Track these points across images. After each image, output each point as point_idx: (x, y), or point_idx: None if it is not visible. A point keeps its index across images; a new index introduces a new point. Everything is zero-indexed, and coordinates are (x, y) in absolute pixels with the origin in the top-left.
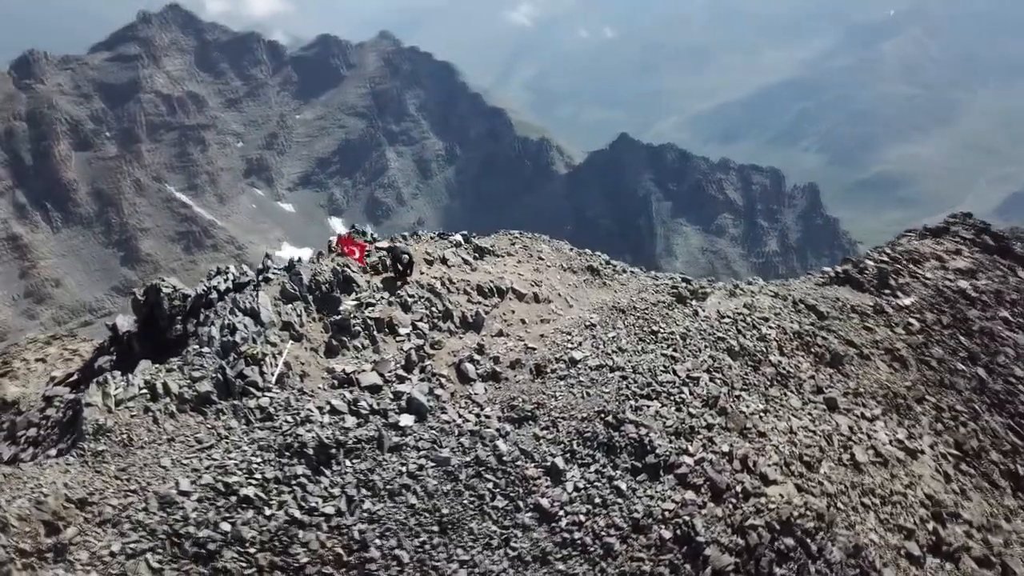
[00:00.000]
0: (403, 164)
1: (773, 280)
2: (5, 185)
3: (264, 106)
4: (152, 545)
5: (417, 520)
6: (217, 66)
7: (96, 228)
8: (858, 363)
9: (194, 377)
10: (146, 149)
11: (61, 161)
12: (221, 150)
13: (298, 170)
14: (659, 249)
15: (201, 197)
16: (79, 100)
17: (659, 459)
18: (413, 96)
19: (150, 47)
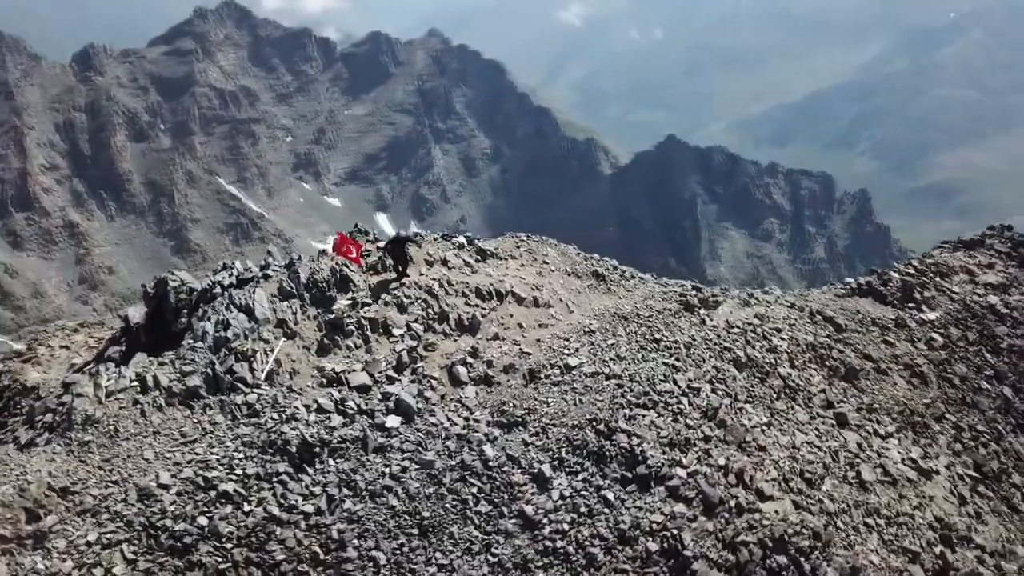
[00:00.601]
0: (449, 162)
1: (817, 287)
2: (64, 174)
3: (314, 101)
4: (128, 536)
5: (397, 522)
6: (269, 61)
7: (149, 218)
8: (875, 378)
9: (184, 371)
10: (199, 142)
11: (117, 152)
12: (271, 144)
13: (346, 165)
14: (704, 252)
15: (250, 190)
16: (136, 93)
17: (650, 470)
18: (460, 94)
19: (205, 42)
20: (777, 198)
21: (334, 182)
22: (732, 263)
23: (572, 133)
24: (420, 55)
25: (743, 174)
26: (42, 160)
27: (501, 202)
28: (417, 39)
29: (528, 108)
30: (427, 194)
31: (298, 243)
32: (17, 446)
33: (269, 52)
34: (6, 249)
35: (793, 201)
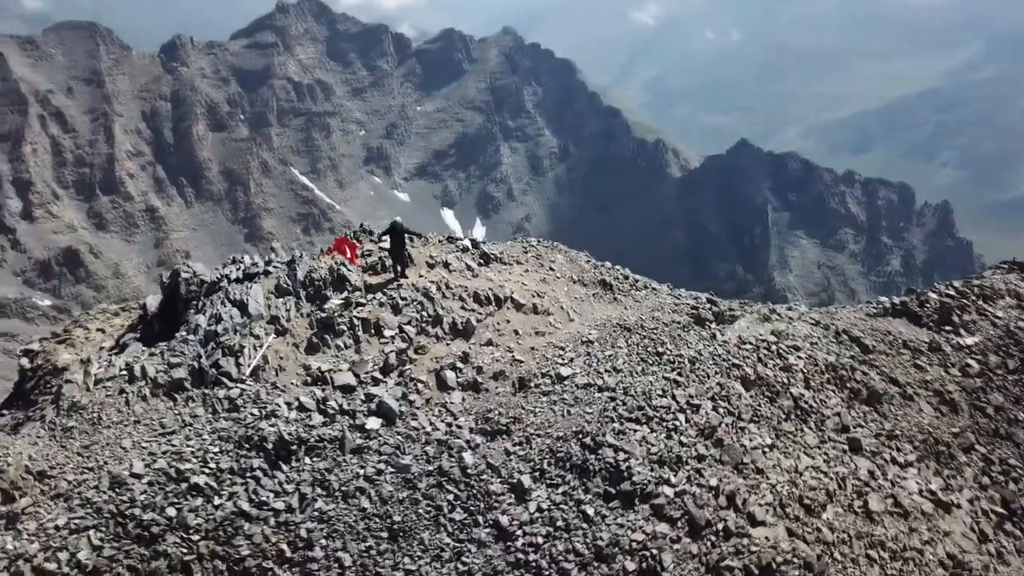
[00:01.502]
0: (516, 160)
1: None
2: (147, 160)
3: (387, 96)
4: (96, 523)
5: (367, 524)
6: (346, 56)
7: (224, 205)
8: (899, 403)
9: (171, 363)
10: (275, 133)
11: (198, 140)
12: (344, 137)
13: (415, 160)
14: (772, 260)
15: (322, 181)
16: (218, 84)
17: (635, 487)
18: (531, 93)
19: (285, 36)
20: (852, 207)
21: (403, 177)
22: (802, 273)
23: (641, 134)
24: (493, 53)
25: (818, 181)
26: (128, 146)
27: (566, 201)
28: (490, 37)
29: (598, 107)
30: (493, 191)
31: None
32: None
33: (346, 47)
34: (91, 230)
35: (869, 211)
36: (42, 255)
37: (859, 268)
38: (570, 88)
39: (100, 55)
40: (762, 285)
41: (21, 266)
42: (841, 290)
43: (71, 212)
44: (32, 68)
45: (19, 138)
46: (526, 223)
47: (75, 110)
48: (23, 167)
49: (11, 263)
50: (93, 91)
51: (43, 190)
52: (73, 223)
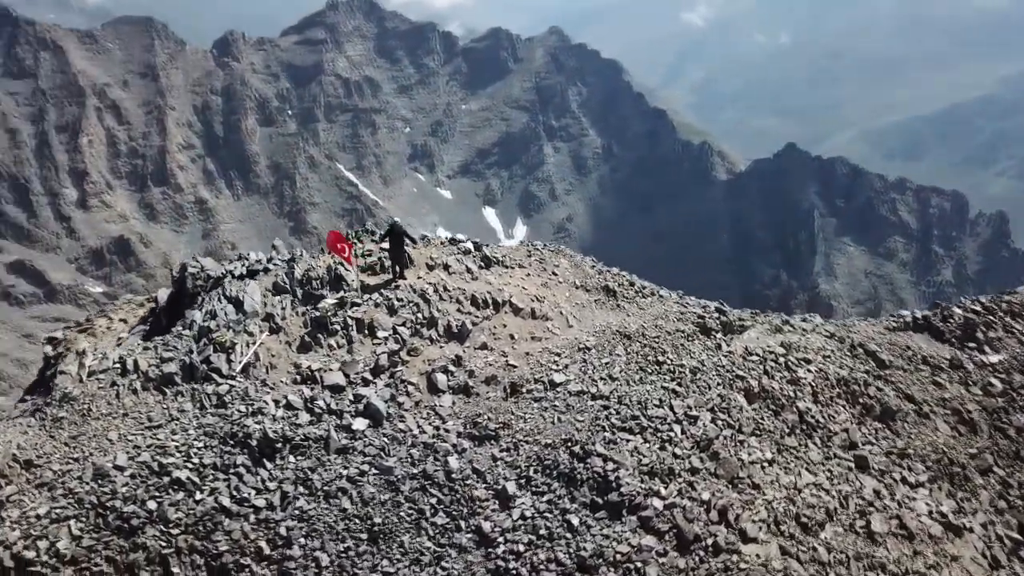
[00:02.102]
0: (559, 160)
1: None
2: (197, 153)
3: (433, 94)
4: (77, 513)
5: (346, 525)
6: (394, 53)
7: (271, 199)
8: (914, 421)
9: (163, 357)
10: (322, 128)
11: (247, 135)
12: (390, 134)
13: (459, 158)
14: (818, 267)
15: (367, 177)
16: (268, 79)
17: (623, 498)
18: (576, 93)
19: (335, 33)
20: (903, 215)
21: (447, 174)
22: (848, 280)
23: (687, 136)
24: (539, 52)
25: (868, 188)
26: (180, 139)
27: (609, 202)
28: (537, 36)
29: (643, 108)
30: (536, 191)
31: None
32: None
33: (394, 44)
34: (143, 220)
35: (921, 219)
36: (95, 243)
37: (908, 277)
38: (616, 88)
39: (155, 50)
40: (807, 292)
41: (75, 253)
42: (889, 299)
43: (124, 202)
44: (90, 62)
45: (76, 129)
46: (568, 223)
47: (130, 103)
48: (79, 158)
49: (66, 250)
50: (148, 85)
51: (98, 180)
52: (125, 213)
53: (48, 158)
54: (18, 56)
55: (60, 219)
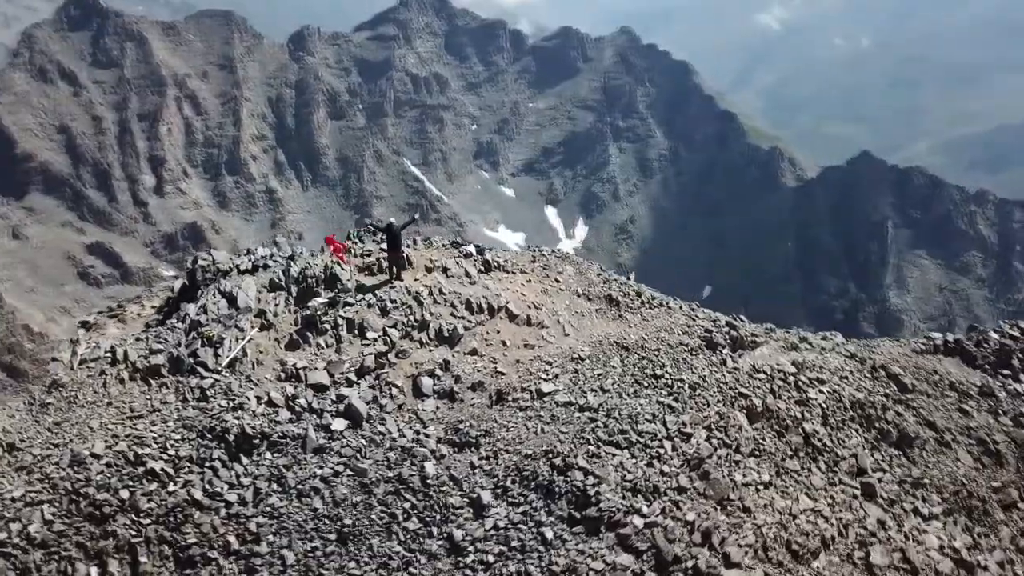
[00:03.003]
0: (624, 160)
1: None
2: (269, 144)
3: (500, 92)
4: (51, 498)
5: (316, 525)
6: (463, 51)
7: (338, 191)
8: (934, 450)
9: (152, 349)
10: (390, 123)
11: (317, 127)
12: (456, 131)
13: (523, 157)
14: (888, 280)
15: (432, 173)
16: (339, 74)
17: (602, 514)
18: (644, 94)
19: (406, 29)
20: (983, 229)
21: (510, 172)
22: (920, 295)
23: (756, 140)
24: (608, 52)
25: (946, 199)
26: (253, 130)
27: (672, 205)
28: (607, 36)
29: (712, 111)
30: (599, 191)
31: (470, 228)
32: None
33: (464, 41)
34: (215, 207)
35: (1002, 234)
36: (169, 228)
37: (985, 294)
38: (685, 90)
39: (234, 42)
40: (875, 305)
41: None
42: (963, 316)
43: (198, 190)
44: (172, 53)
45: (156, 118)
46: (630, 225)
47: (207, 93)
48: (158, 145)
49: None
50: (225, 76)
51: (174, 167)
52: (199, 200)
53: (129, 145)
54: (105, 46)
55: (137, 204)
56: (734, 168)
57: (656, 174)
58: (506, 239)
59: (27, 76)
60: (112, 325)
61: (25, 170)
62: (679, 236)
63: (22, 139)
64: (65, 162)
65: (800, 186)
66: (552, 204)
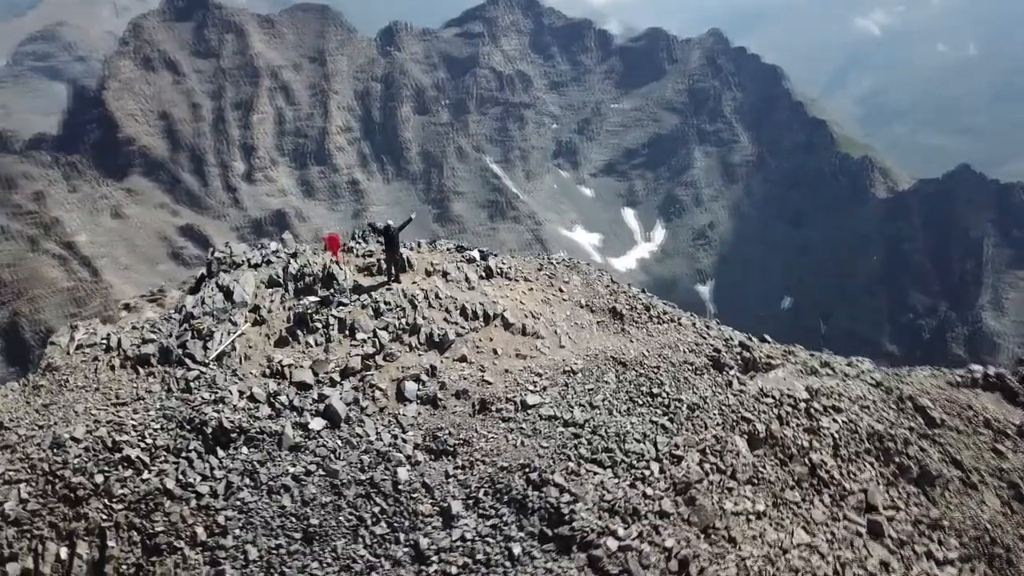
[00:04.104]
0: (708, 165)
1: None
2: (355, 136)
3: (584, 92)
4: (28, 478)
5: (282, 523)
6: (548, 49)
7: (419, 185)
8: (957, 490)
9: (145, 338)
10: (472, 120)
11: (402, 122)
12: (537, 129)
13: (604, 157)
14: (984, 300)
15: (511, 171)
16: (426, 69)
17: (575, 533)
18: (731, 98)
19: (493, 27)
20: None
21: (590, 172)
22: (1018, 318)
23: (847, 149)
24: (696, 55)
25: None
26: (340, 122)
27: (756, 212)
28: (696, 38)
29: (801, 118)
30: (680, 195)
31: (547, 227)
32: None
33: (549, 40)
34: (300, 196)
35: None
36: (256, 214)
37: None
38: (773, 95)
39: (326, 36)
40: (967, 326)
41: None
42: None
43: (285, 178)
44: (267, 45)
45: (250, 108)
46: (709, 230)
47: (299, 85)
48: (250, 134)
49: (231, 218)
50: (316, 69)
51: (264, 156)
52: (285, 188)
53: (223, 132)
54: (206, 37)
55: (228, 189)
56: (822, 176)
57: (739, 180)
58: (582, 239)
59: (133, 64)
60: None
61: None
62: (760, 244)
63: (125, 124)
64: (164, 147)
65: (891, 198)
66: (631, 206)
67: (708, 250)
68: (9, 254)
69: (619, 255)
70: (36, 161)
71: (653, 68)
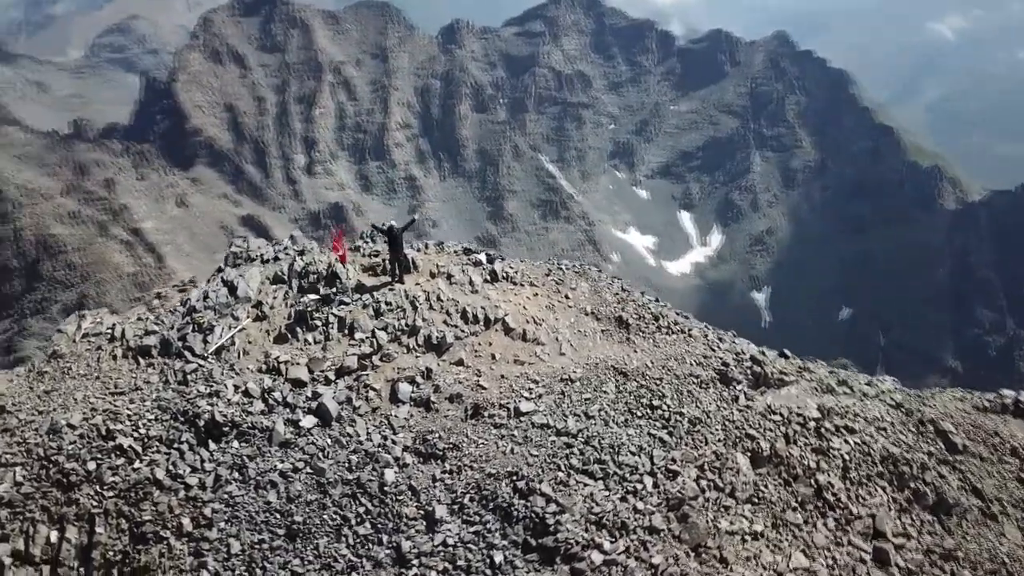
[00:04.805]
0: (767, 170)
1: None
2: (413, 133)
3: (643, 93)
4: (24, 461)
5: (267, 518)
6: (609, 50)
7: (474, 183)
8: (977, 520)
9: (148, 330)
10: (530, 119)
11: (460, 119)
12: (594, 130)
13: (660, 159)
14: None
15: (567, 171)
16: (485, 68)
17: (559, 544)
18: (794, 102)
19: (554, 26)
20: None
21: (645, 174)
22: None
23: (915, 157)
24: (759, 57)
25: None
26: (399, 118)
27: (815, 219)
28: (760, 40)
29: (868, 124)
30: (737, 199)
31: (599, 228)
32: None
33: (610, 41)
34: (357, 190)
35: None
36: (315, 207)
37: None
38: (839, 100)
39: (388, 33)
40: None
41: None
42: None
43: (343, 172)
44: (331, 40)
45: (312, 102)
46: (767, 236)
47: (360, 81)
48: (312, 128)
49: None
50: (377, 65)
51: (324, 150)
52: (344, 182)
53: (285, 125)
54: (272, 32)
55: (288, 181)
56: (887, 185)
57: (799, 186)
58: (635, 241)
59: (202, 57)
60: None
61: (193, 144)
62: (818, 252)
63: (193, 115)
64: (228, 138)
65: (961, 209)
66: (686, 209)
67: (765, 256)
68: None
69: (674, 259)
70: (108, 149)
71: (713, 70)
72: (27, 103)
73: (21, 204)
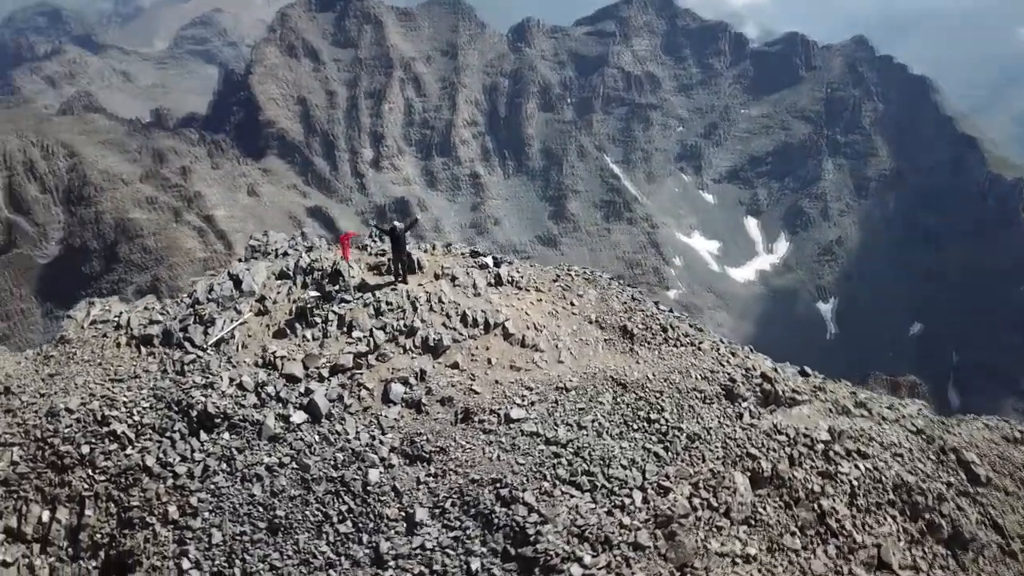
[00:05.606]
0: (839, 178)
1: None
2: (479, 130)
3: (713, 96)
4: (21, 442)
5: (249, 511)
6: (680, 51)
7: (537, 181)
8: (993, 556)
9: (152, 319)
10: (596, 119)
11: (526, 118)
12: (661, 132)
13: (728, 163)
14: None
15: (631, 172)
16: (554, 67)
17: (538, 555)
18: (871, 108)
19: (625, 26)
20: None
21: (712, 178)
22: None
23: (999, 170)
24: (837, 62)
25: None
26: (466, 115)
27: (888, 230)
28: (837, 44)
29: (949, 134)
30: (806, 207)
31: (662, 231)
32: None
33: (682, 42)
34: (423, 186)
35: None
36: (380, 200)
37: None
38: (919, 108)
39: (459, 30)
40: None
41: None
42: None
43: (410, 167)
44: (403, 37)
45: (382, 97)
46: (836, 246)
47: (429, 77)
48: (380, 123)
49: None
50: (447, 62)
51: (391, 145)
52: (409, 177)
53: (355, 120)
54: (345, 27)
55: (355, 175)
56: (967, 198)
57: (872, 195)
58: (699, 246)
59: (277, 51)
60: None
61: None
62: (890, 264)
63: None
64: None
65: None
66: (753, 215)
67: (833, 267)
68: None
69: (738, 265)
70: (185, 138)
71: (787, 74)
72: (113, 92)
73: (103, 188)
